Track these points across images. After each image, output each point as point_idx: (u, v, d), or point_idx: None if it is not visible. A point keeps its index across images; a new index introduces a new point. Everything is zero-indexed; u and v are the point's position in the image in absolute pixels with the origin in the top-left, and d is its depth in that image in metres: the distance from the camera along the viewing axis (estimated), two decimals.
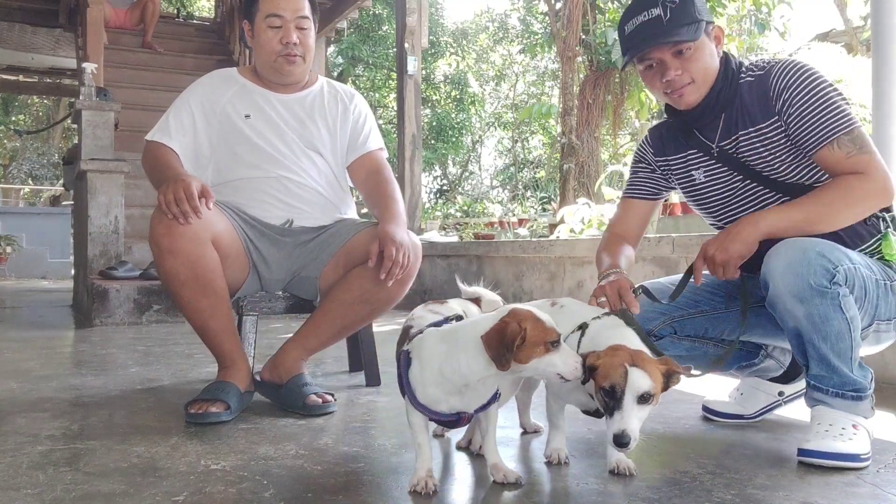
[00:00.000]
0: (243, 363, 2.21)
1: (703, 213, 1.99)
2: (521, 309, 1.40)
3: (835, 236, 1.69)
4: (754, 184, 1.81)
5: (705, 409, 2.08)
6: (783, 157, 1.75)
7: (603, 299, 1.72)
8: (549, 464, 1.63)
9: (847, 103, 1.70)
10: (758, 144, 1.77)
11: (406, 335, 1.54)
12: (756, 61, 1.83)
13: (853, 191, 1.65)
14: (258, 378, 2.30)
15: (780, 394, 2.04)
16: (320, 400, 2.14)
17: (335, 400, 2.18)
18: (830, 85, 1.70)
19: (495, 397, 1.49)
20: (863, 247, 1.76)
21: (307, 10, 2.40)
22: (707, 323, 1.93)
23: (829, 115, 1.67)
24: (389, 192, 2.37)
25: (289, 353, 2.28)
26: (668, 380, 1.46)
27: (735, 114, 1.80)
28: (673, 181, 1.99)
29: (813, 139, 1.69)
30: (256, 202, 2.35)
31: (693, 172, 1.91)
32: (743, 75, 1.81)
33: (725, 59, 1.82)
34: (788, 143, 1.74)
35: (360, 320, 2.31)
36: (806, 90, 1.69)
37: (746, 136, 1.78)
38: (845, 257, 1.62)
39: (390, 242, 2.11)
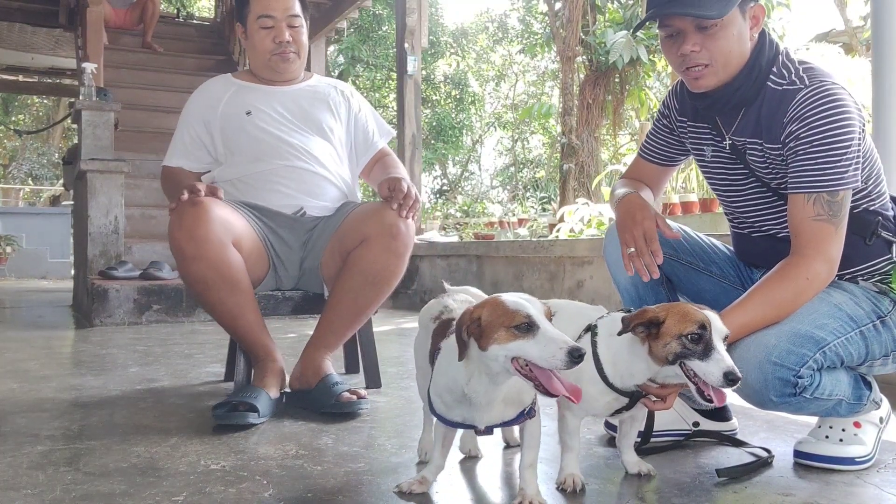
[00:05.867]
0: (276, 355, 2.22)
1: (711, 188, 1.90)
2: (493, 297, 1.30)
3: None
4: (753, 179, 1.72)
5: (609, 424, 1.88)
6: (782, 174, 1.66)
7: (632, 250, 1.68)
8: (563, 491, 1.45)
9: (855, 156, 1.55)
10: (761, 156, 1.68)
11: (447, 326, 1.42)
12: (794, 63, 1.64)
13: (802, 292, 1.54)
14: (289, 390, 2.28)
15: (696, 424, 1.84)
16: (355, 396, 2.13)
17: (367, 397, 2.17)
18: (847, 132, 1.54)
19: (523, 414, 1.37)
20: (871, 264, 1.66)
21: (298, 9, 2.46)
22: (708, 284, 1.84)
23: (823, 167, 1.54)
24: (395, 164, 2.57)
25: (311, 356, 2.26)
26: None
27: (752, 117, 1.66)
28: (688, 146, 1.88)
29: (795, 181, 1.58)
30: (266, 192, 2.39)
31: (704, 147, 1.80)
32: (773, 76, 1.64)
33: (759, 48, 1.64)
34: (786, 166, 1.65)
35: (369, 304, 2.28)
36: (817, 131, 1.54)
37: (753, 144, 1.68)
38: (812, 346, 1.50)
39: (397, 181, 2.25)
